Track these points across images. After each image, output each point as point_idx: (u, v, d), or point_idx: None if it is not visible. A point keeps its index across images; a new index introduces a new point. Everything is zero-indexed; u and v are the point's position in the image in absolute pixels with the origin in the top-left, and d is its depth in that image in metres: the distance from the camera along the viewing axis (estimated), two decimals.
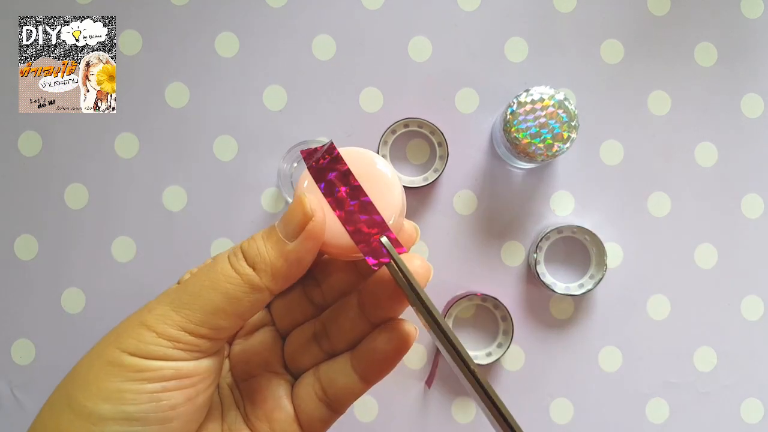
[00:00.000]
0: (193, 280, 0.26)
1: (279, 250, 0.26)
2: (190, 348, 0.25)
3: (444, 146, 0.53)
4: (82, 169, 0.55)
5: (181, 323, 0.25)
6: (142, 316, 0.26)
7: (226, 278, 0.26)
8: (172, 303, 0.26)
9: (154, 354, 0.25)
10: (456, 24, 0.55)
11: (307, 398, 0.30)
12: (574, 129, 0.49)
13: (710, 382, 0.55)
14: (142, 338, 0.25)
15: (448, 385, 0.55)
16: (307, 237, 0.26)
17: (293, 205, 0.27)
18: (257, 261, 0.26)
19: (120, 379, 0.24)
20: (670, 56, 0.56)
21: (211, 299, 0.25)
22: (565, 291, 0.53)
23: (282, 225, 0.27)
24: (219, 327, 0.26)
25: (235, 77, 0.55)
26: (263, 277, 0.26)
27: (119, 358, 0.25)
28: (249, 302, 0.26)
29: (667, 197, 0.55)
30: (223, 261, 0.26)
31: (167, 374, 0.25)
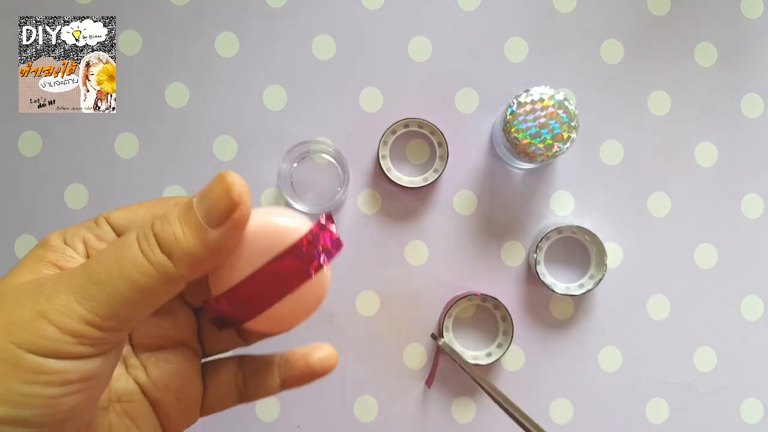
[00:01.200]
0: (99, 265, 0.23)
1: (199, 238, 0.23)
2: (97, 342, 0.22)
3: (444, 146, 0.53)
4: (83, 170, 0.55)
5: (86, 317, 0.22)
6: (40, 304, 0.22)
7: (136, 267, 0.23)
8: (76, 292, 0.22)
9: (57, 352, 0.22)
10: (456, 24, 0.55)
11: (224, 384, 0.29)
12: (573, 129, 0.49)
13: (710, 382, 0.55)
14: (43, 333, 0.22)
15: (448, 385, 0.55)
16: (233, 226, 0.23)
17: (216, 187, 0.23)
18: (174, 249, 0.23)
19: (16, 381, 0.21)
20: (670, 56, 0.56)
21: (120, 290, 0.22)
22: (565, 291, 0.53)
23: (203, 208, 0.23)
24: (129, 318, 0.23)
25: (235, 77, 0.55)
26: (180, 266, 0.23)
27: (16, 355, 0.21)
28: (163, 292, 0.23)
29: (667, 197, 0.55)
30: (133, 246, 0.23)
31: (71, 378, 0.22)
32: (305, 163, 0.55)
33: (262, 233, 0.25)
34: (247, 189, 0.24)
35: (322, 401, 0.55)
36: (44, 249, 0.26)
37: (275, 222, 0.25)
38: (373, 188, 0.55)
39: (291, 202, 0.53)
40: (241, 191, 0.23)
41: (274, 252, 0.25)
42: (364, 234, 0.55)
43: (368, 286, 0.55)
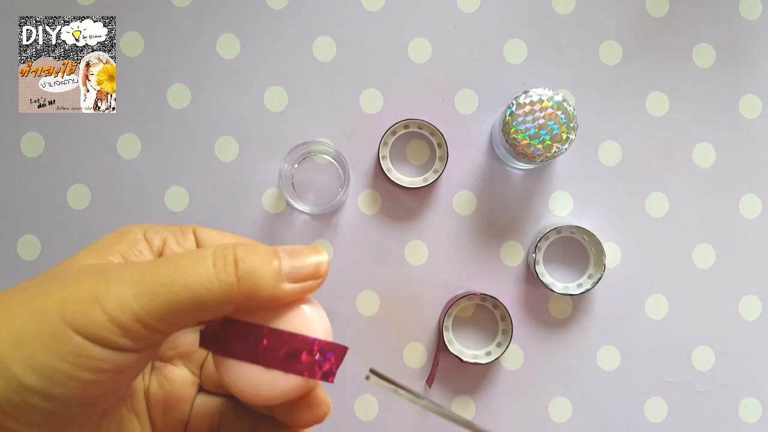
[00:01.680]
0: (167, 268, 0.24)
1: (273, 283, 0.25)
2: (139, 339, 0.23)
3: (444, 147, 0.53)
4: (85, 170, 0.55)
5: (138, 313, 0.23)
6: (98, 289, 0.23)
7: (204, 281, 0.23)
8: (136, 286, 0.23)
9: (101, 339, 0.22)
10: (455, 26, 0.55)
11: (202, 422, 0.30)
12: (572, 130, 0.49)
13: (708, 382, 0.56)
14: (93, 318, 0.22)
15: (448, 385, 0.55)
16: (304, 291, 0.25)
17: (309, 253, 0.26)
18: (247, 278, 0.24)
19: (58, 357, 0.22)
20: (669, 57, 0.56)
21: (179, 297, 0.23)
22: (563, 291, 0.54)
23: (288, 265, 0.25)
24: (176, 325, 0.24)
25: (236, 78, 0.55)
26: (243, 294, 0.24)
27: (64, 333, 0.22)
28: (214, 311, 0.24)
29: (666, 198, 0.56)
30: (208, 260, 0.24)
31: (105, 367, 0.23)
32: (306, 164, 0.55)
33: (307, 314, 0.26)
34: (328, 269, 0.26)
35: None
36: (119, 237, 0.27)
37: (313, 314, 0.26)
38: (373, 188, 0.55)
39: (292, 203, 0.53)
40: (326, 270, 0.26)
41: (295, 328, 0.26)
42: (364, 234, 0.55)
43: (368, 286, 0.55)
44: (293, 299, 0.26)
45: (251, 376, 0.25)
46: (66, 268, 0.25)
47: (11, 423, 0.22)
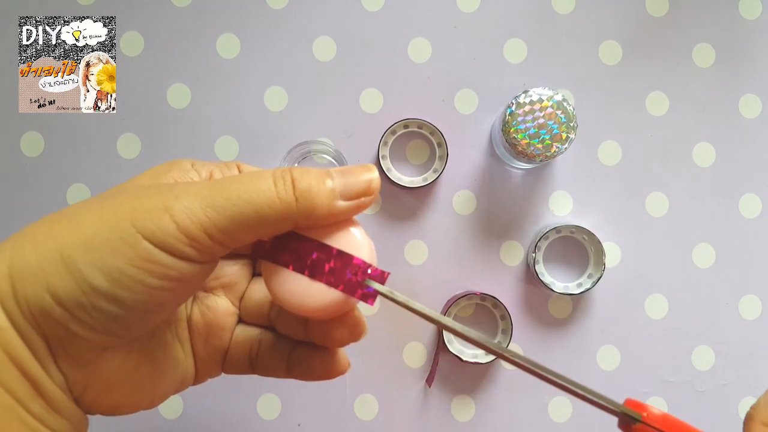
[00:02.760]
0: (230, 186, 0.25)
1: (328, 199, 0.26)
2: (203, 249, 0.24)
3: (443, 147, 0.53)
4: (85, 170, 0.55)
5: (205, 224, 0.24)
6: (167, 200, 0.24)
7: (266, 198, 0.25)
8: (203, 199, 0.24)
9: (169, 246, 0.24)
10: (455, 25, 0.55)
11: (241, 351, 0.31)
12: (572, 130, 0.49)
13: (708, 381, 0.56)
14: (163, 225, 0.23)
15: (448, 384, 0.55)
16: (358, 207, 0.27)
17: (361, 171, 0.27)
18: (304, 196, 0.25)
19: (126, 261, 0.23)
20: (669, 57, 0.56)
21: (243, 212, 0.24)
22: (563, 290, 0.54)
23: (342, 181, 0.26)
24: (238, 238, 0.25)
25: (236, 78, 0.55)
26: (301, 211, 0.25)
27: (134, 238, 0.23)
28: (276, 226, 0.25)
29: (665, 197, 0.56)
30: (268, 180, 0.25)
31: (171, 275, 0.24)
32: (306, 164, 0.55)
33: (353, 233, 0.27)
34: (380, 185, 0.27)
35: (322, 400, 0.55)
36: (170, 166, 0.29)
37: (365, 238, 0.28)
38: None
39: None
40: (378, 185, 0.27)
41: (342, 245, 0.27)
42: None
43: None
44: (347, 216, 0.27)
45: (297, 285, 0.27)
46: (131, 184, 0.27)
47: (77, 327, 0.23)
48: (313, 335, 0.30)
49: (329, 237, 0.27)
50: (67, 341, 0.24)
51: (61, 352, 0.24)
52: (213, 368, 0.31)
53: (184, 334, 0.30)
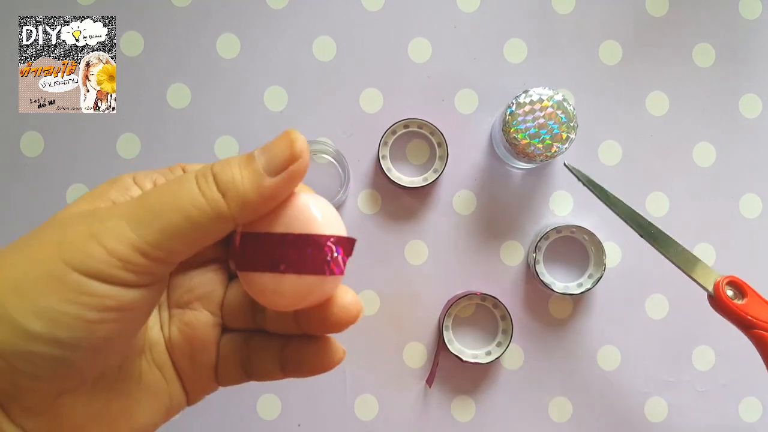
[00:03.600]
0: (155, 196, 0.24)
1: (255, 183, 0.24)
2: (140, 270, 0.23)
3: (443, 147, 0.53)
4: (85, 170, 0.55)
5: (135, 242, 0.22)
6: (93, 226, 0.23)
7: (191, 201, 0.23)
8: (129, 218, 0.23)
9: (101, 274, 0.22)
10: (455, 25, 0.55)
11: (231, 361, 0.29)
12: (572, 129, 0.49)
13: (709, 381, 0.56)
14: (91, 253, 0.22)
15: (449, 384, 0.55)
16: (290, 177, 0.24)
17: (280, 140, 0.25)
18: (229, 189, 0.24)
19: (59, 298, 0.22)
20: (669, 57, 0.56)
21: (172, 221, 0.23)
22: (563, 290, 0.54)
23: (264, 157, 0.24)
24: (175, 251, 0.23)
25: (236, 78, 0.55)
26: (232, 206, 0.24)
27: (62, 272, 0.22)
28: (212, 230, 0.24)
29: (666, 197, 0.56)
30: (190, 182, 0.24)
31: (109, 304, 0.22)
32: None
33: (307, 209, 0.26)
34: (308, 147, 0.25)
35: (322, 400, 0.55)
36: (109, 185, 0.27)
37: (320, 208, 0.26)
38: (373, 188, 0.55)
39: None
40: (302, 146, 0.24)
41: (301, 228, 0.26)
42: (364, 234, 0.55)
43: (368, 285, 0.55)
44: (285, 192, 0.25)
45: (271, 284, 0.25)
46: (60, 216, 0.25)
47: (21, 378, 0.22)
48: (305, 325, 0.28)
49: (282, 221, 0.26)
50: (16, 393, 0.22)
51: (13, 405, 0.23)
52: (206, 385, 0.30)
53: (163, 358, 0.28)
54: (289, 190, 0.25)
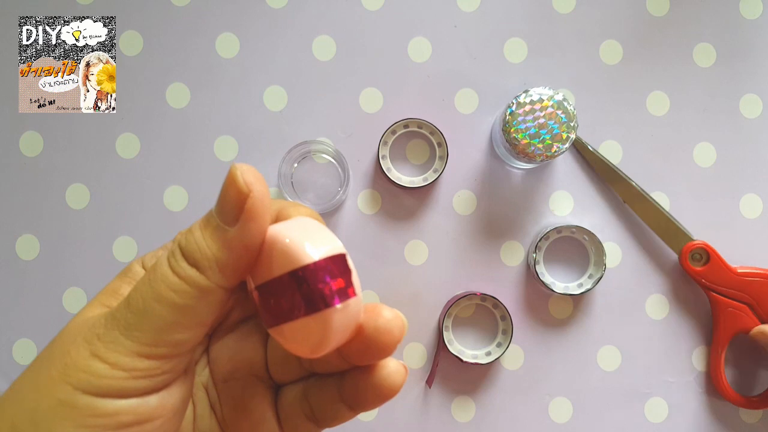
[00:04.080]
0: (135, 293, 0.22)
1: (220, 240, 0.22)
2: (150, 374, 0.22)
3: (443, 146, 0.53)
4: (84, 170, 0.55)
5: (133, 348, 0.21)
6: (92, 343, 0.22)
7: (169, 286, 0.22)
8: (119, 326, 0.22)
9: (111, 390, 0.21)
10: (456, 25, 0.55)
11: (295, 416, 0.27)
12: (573, 129, 0.49)
13: (709, 381, 0.56)
14: (95, 371, 0.21)
15: (449, 385, 0.55)
16: (249, 218, 0.22)
17: (225, 183, 0.22)
18: (198, 257, 0.22)
19: (74, 425, 0.21)
20: (669, 57, 0.56)
21: (160, 314, 0.22)
22: (564, 290, 0.54)
23: (218, 209, 0.22)
24: (178, 342, 0.22)
25: (235, 78, 0.55)
26: (210, 275, 0.22)
27: (72, 397, 0.21)
28: (203, 307, 0.22)
29: (666, 197, 0.56)
30: (163, 265, 0.22)
31: (126, 420, 0.21)
32: (305, 164, 0.55)
33: (281, 244, 0.23)
34: (259, 177, 0.22)
35: None
36: (121, 280, 0.26)
37: (293, 237, 0.23)
38: (373, 188, 0.55)
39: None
40: (248, 179, 0.22)
41: (284, 268, 0.23)
42: (364, 234, 0.55)
43: (368, 286, 0.55)
44: (258, 233, 0.22)
45: (293, 332, 0.23)
46: (67, 330, 0.24)
47: None
48: (351, 359, 0.25)
49: (274, 263, 0.23)
50: None
51: None
52: None
53: None
54: (259, 229, 0.22)
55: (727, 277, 0.53)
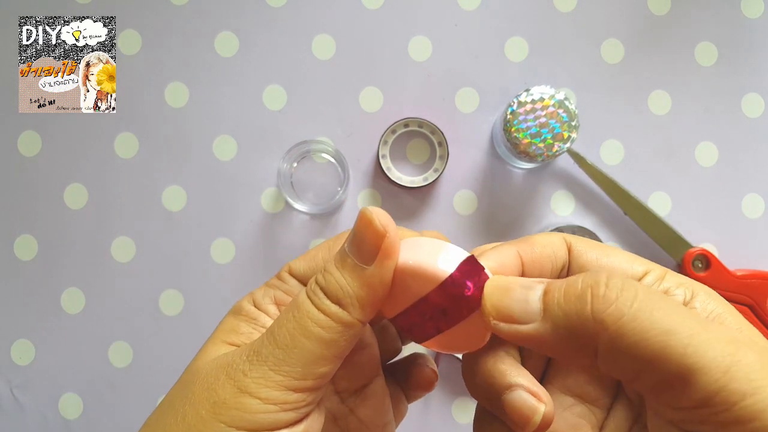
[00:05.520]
0: (281, 329, 0.24)
1: (360, 279, 0.24)
2: (299, 405, 0.23)
3: (444, 146, 0.53)
4: (82, 169, 0.55)
5: (283, 382, 0.23)
6: (238, 380, 0.23)
7: (315, 322, 0.23)
8: (267, 362, 0.23)
9: (264, 423, 0.23)
10: (456, 23, 0.55)
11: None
12: (574, 129, 0.49)
13: None
14: (248, 408, 0.22)
15: (449, 386, 0.55)
16: (385, 256, 0.24)
17: (361, 226, 0.24)
18: (341, 296, 0.24)
19: None
20: (671, 56, 0.56)
21: (308, 348, 0.23)
22: None
23: (354, 249, 0.24)
24: (323, 374, 0.24)
25: (234, 77, 0.55)
26: (352, 311, 0.24)
27: None
28: (345, 340, 0.24)
29: (668, 197, 0.55)
30: (306, 303, 0.24)
31: None
32: (305, 163, 0.55)
33: (414, 270, 0.25)
34: (389, 218, 0.24)
35: None
36: (237, 318, 0.27)
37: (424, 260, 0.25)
38: (373, 188, 0.55)
39: (291, 202, 0.53)
40: (383, 221, 0.24)
41: (425, 289, 0.24)
42: None
43: None
44: (391, 269, 0.24)
45: (449, 341, 0.25)
46: (199, 368, 0.25)
47: None
48: None
49: (411, 288, 0.25)
50: None
51: None
52: None
53: None
54: (392, 265, 0.24)
55: (728, 280, 0.53)
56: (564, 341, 0.21)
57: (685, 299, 0.23)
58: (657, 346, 0.19)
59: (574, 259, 0.25)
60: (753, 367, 0.19)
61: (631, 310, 0.20)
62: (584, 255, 0.25)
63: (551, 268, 0.25)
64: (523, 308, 0.22)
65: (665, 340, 0.19)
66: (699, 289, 0.23)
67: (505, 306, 0.23)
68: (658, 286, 0.24)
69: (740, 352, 0.19)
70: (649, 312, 0.20)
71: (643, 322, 0.19)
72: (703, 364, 0.19)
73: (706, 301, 0.23)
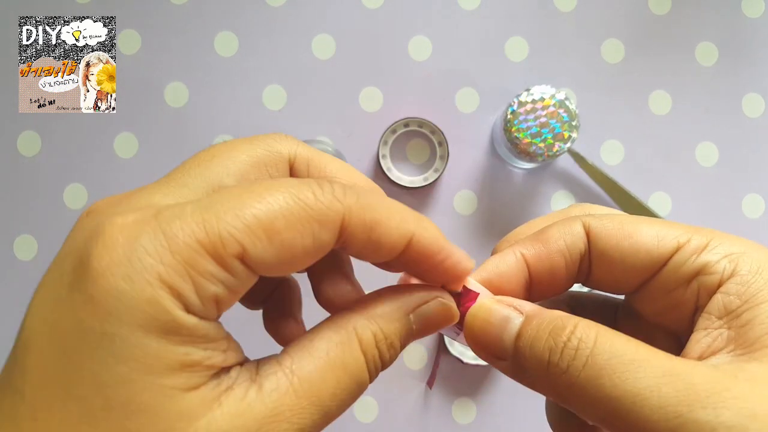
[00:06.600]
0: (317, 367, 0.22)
1: (406, 340, 0.23)
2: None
3: (444, 146, 0.53)
4: (82, 169, 0.55)
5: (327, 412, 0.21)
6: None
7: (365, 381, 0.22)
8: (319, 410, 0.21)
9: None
10: (456, 23, 0.55)
11: None
12: (574, 129, 0.49)
13: None
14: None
15: (449, 386, 0.55)
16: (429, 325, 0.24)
17: (437, 312, 0.24)
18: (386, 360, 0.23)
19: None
20: (671, 56, 0.55)
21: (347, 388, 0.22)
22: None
23: (421, 324, 0.24)
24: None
25: (234, 77, 0.55)
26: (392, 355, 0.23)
27: None
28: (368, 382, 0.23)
29: (668, 197, 0.55)
30: (359, 359, 0.22)
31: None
32: None
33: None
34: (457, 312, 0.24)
35: None
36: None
37: None
38: None
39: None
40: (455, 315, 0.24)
41: None
42: None
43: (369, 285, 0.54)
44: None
45: None
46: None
47: None
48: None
49: None
50: None
51: None
52: None
53: None
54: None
55: None
56: (535, 385, 0.21)
57: (722, 278, 0.21)
58: (605, 411, 0.19)
59: (593, 245, 0.24)
60: None
61: (578, 379, 0.20)
62: (603, 241, 0.24)
63: (566, 262, 0.24)
64: (498, 346, 0.22)
65: (614, 407, 0.19)
66: (744, 262, 0.21)
67: (481, 341, 0.23)
68: (693, 261, 0.22)
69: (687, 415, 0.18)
70: (597, 379, 0.20)
71: (593, 390, 0.20)
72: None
73: (742, 281, 0.21)
